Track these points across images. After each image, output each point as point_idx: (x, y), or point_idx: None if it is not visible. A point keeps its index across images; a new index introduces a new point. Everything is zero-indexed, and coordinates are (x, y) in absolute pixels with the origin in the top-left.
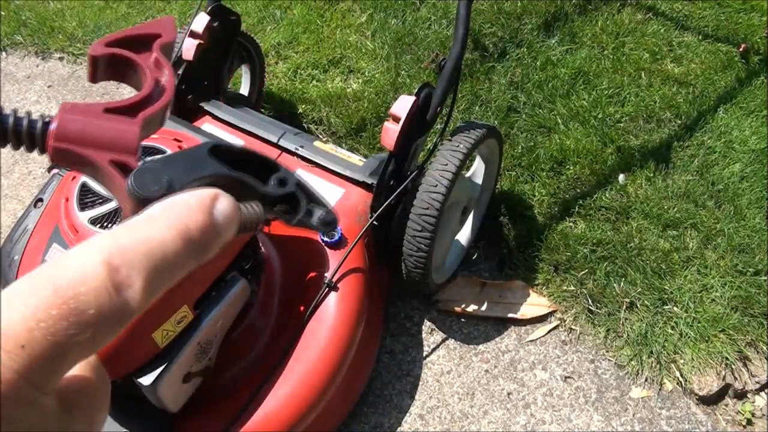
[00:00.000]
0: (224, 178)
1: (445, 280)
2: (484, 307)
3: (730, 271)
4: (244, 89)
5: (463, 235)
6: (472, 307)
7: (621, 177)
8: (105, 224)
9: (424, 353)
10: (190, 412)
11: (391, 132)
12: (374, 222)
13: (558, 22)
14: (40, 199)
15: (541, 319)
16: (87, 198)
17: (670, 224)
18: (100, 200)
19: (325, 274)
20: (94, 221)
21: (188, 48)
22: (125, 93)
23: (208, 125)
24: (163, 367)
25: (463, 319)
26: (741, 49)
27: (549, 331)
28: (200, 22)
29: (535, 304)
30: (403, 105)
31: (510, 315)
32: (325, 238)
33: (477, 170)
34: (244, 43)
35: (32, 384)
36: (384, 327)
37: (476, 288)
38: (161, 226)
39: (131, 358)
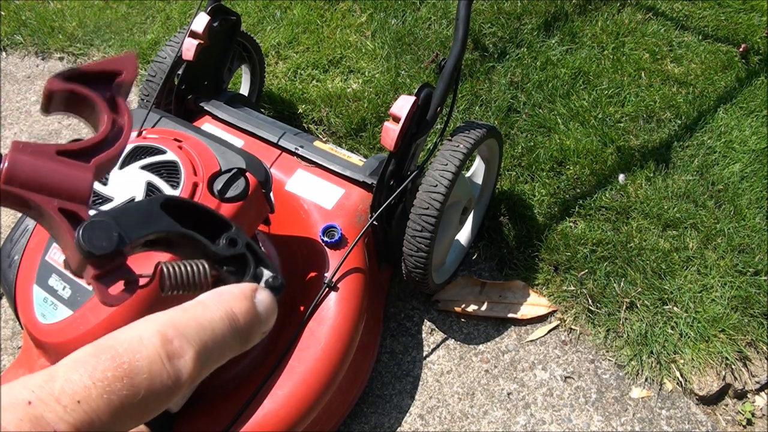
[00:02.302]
0: (175, 234)
1: (445, 280)
2: (484, 307)
3: (730, 271)
4: (244, 89)
5: (463, 235)
6: (472, 307)
7: (621, 177)
8: None
9: (424, 353)
10: (190, 412)
11: (391, 132)
12: (374, 222)
13: (558, 22)
14: None
15: (541, 319)
16: None
17: (670, 224)
18: (101, 200)
19: (325, 274)
20: None
21: (188, 48)
22: None
23: (208, 125)
24: None
25: (463, 319)
26: (741, 49)
27: (549, 331)
28: (200, 22)
29: (535, 304)
30: (403, 105)
31: (510, 315)
32: (325, 238)
33: (477, 170)
34: (244, 43)
35: None
36: (384, 327)
37: (476, 288)
38: (211, 308)
39: None
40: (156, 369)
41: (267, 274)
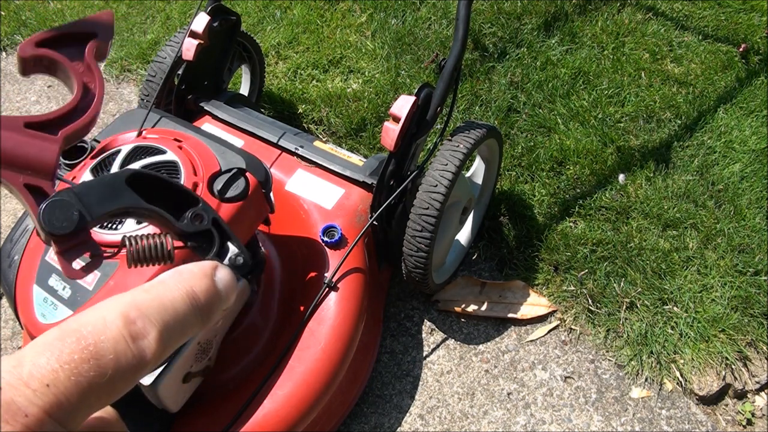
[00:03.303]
0: (138, 209)
1: (445, 280)
2: (484, 307)
3: (730, 271)
4: (244, 89)
5: (463, 235)
6: (472, 307)
7: (621, 177)
8: (105, 225)
9: (424, 353)
10: (190, 412)
11: (391, 132)
12: (374, 222)
13: (558, 22)
14: None
15: (541, 319)
16: None
17: (670, 224)
18: None
19: (325, 274)
20: None
21: (188, 48)
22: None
23: (208, 125)
24: (163, 367)
25: (463, 319)
26: (741, 49)
27: (549, 331)
28: (200, 22)
29: (535, 304)
30: (403, 105)
31: (510, 315)
32: (325, 238)
33: (477, 170)
34: (244, 43)
35: (56, 420)
36: (384, 327)
37: (476, 288)
38: (172, 288)
39: None
40: (121, 349)
41: (233, 250)
